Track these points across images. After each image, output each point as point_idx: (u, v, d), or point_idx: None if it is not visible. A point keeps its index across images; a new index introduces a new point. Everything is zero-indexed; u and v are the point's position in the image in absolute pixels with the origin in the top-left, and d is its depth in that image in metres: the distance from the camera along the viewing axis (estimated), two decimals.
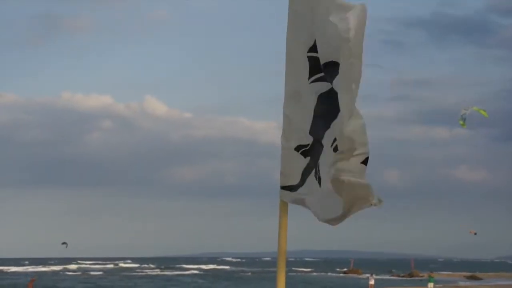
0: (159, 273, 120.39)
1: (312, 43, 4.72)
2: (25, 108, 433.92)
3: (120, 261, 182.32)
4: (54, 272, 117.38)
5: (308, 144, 4.82)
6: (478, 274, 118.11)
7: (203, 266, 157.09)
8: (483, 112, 37.27)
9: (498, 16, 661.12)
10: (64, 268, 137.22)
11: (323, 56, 4.51)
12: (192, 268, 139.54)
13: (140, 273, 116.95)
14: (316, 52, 4.66)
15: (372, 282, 61.89)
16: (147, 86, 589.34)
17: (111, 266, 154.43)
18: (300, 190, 4.86)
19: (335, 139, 4.39)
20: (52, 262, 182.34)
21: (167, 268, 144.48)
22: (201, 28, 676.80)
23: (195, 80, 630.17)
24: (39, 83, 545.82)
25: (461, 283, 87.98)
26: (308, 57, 4.76)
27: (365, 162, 4.21)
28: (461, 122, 36.10)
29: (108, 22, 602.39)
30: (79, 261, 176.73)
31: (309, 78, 4.76)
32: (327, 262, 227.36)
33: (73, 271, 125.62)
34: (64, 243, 71.70)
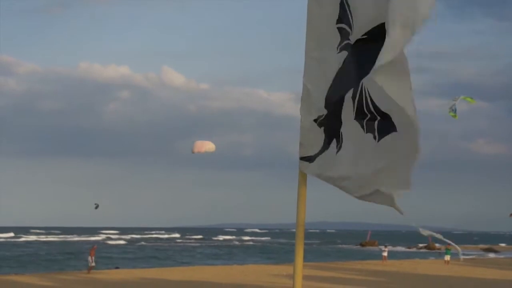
0: (204, 243, 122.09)
1: (337, 14, 4.65)
2: (43, 77, 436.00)
3: (147, 232, 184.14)
4: (99, 242, 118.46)
5: (323, 115, 4.80)
6: (495, 246, 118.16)
7: (246, 238, 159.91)
8: (470, 100, 36.84)
9: None
10: (107, 237, 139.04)
11: (365, 22, 4.32)
12: (235, 239, 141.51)
13: (183, 243, 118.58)
14: (343, 23, 4.60)
15: (385, 254, 62.06)
16: (164, 56, 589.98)
17: (149, 236, 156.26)
18: (318, 160, 4.86)
19: (357, 108, 4.34)
20: (81, 231, 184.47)
21: (204, 239, 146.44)
22: None
23: (213, 51, 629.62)
24: (57, 53, 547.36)
25: (478, 256, 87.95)
26: (338, 28, 4.67)
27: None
28: (451, 113, 35.47)
29: None
30: (102, 231, 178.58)
31: (337, 47, 4.69)
32: (346, 234, 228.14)
33: (114, 240, 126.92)
34: (95, 204, 72.59)
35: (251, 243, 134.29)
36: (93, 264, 44.93)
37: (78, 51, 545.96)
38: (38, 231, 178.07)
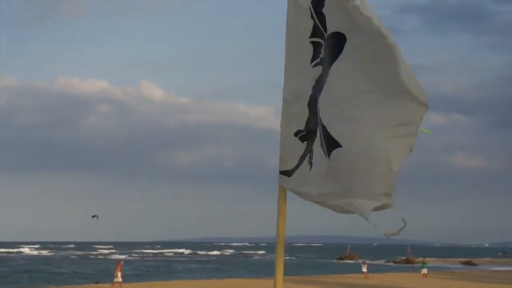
0: (184, 258, 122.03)
1: (311, 27, 4.71)
2: (21, 91, 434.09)
3: (130, 246, 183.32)
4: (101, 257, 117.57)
5: (304, 129, 4.85)
6: (474, 260, 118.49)
7: (226, 251, 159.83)
8: (425, 131, 37.11)
9: (493, 3, 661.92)
10: (110, 252, 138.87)
11: (330, 28, 4.50)
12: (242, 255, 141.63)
13: (162, 258, 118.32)
14: (317, 36, 4.66)
15: (365, 269, 61.57)
16: (143, 71, 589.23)
17: (133, 250, 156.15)
18: (295, 174, 4.88)
19: (323, 128, 4.46)
20: (72, 246, 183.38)
21: (184, 253, 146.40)
22: (198, 13, 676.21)
23: (191, 65, 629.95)
24: (35, 66, 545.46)
25: (456, 269, 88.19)
26: (311, 42, 4.75)
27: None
28: None
29: (104, 7, 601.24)
30: (94, 245, 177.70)
31: (310, 63, 4.76)
32: (327, 248, 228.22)
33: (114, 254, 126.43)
34: (94, 216, 72.19)
35: (230, 257, 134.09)
36: (120, 279, 44.50)
37: (56, 65, 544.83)
38: (23, 246, 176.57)
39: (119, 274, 44.29)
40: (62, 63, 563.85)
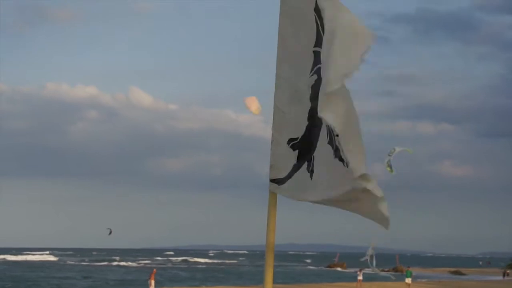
0: (172, 266, 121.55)
1: (314, 35, 4.56)
2: (10, 97, 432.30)
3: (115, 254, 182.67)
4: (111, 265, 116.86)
5: (298, 138, 4.73)
6: (462, 269, 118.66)
7: (214, 260, 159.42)
8: (408, 150, 36.92)
9: (482, 13, 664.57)
10: (121, 258, 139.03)
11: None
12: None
13: (150, 265, 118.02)
14: (319, 46, 4.49)
15: (360, 277, 61.55)
16: (132, 76, 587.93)
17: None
18: (289, 183, 4.76)
19: (330, 133, 4.31)
20: (70, 252, 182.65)
21: (172, 261, 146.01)
22: (188, 19, 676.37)
23: (180, 71, 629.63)
24: (23, 73, 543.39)
25: (444, 279, 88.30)
26: (314, 51, 4.58)
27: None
28: (388, 169, 35.29)
29: (94, 13, 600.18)
30: (89, 251, 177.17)
31: (310, 71, 4.62)
32: (319, 256, 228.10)
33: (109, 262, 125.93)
34: (108, 229, 72.18)
35: (219, 265, 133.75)
36: (153, 287, 43.98)
37: (45, 71, 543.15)
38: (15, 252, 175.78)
39: (152, 282, 43.75)
40: (51, 69, 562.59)
